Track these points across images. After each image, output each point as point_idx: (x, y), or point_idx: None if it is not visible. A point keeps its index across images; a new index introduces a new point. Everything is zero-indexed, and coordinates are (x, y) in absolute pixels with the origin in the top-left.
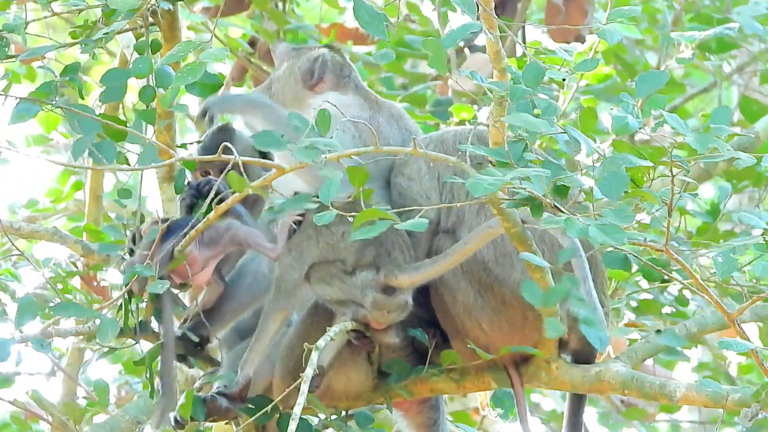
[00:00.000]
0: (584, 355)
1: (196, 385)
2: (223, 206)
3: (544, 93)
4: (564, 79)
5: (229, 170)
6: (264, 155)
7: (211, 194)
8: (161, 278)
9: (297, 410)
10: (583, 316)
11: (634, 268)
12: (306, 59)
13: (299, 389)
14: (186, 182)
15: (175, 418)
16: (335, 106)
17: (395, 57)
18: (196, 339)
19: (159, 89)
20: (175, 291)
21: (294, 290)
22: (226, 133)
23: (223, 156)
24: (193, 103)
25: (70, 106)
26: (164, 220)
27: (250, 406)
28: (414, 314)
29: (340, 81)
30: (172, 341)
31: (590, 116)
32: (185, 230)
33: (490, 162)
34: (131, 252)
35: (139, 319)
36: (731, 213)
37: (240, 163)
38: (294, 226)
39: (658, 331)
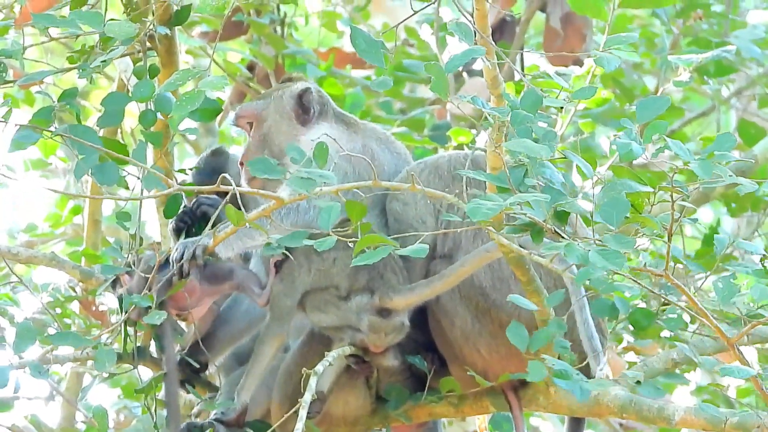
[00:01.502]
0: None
1: (194, 411)
2: (222, 236)
3: (542, 120)
4: (562, 107)
5: (226, 202)
6: None
7: (212, 218)
8: (160, 306)
9: None
10: (557, 370)
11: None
12: (290, 97)
13: (297, 414)
14: (183, 206)
15: None
16: (334, 140)
17: (393, 82)
18: (196, 364)
19: (158, 114)
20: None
21: (288, 316)
22: (220, 157)
23: (221, 186)
24: (191, 125)
25: (73, 128)
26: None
27: (248, 430)
28: (412, 339)
29: (323, 110)
30: (174, 369)
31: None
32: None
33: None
34: (116, 281)
35: (137, 345)
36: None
37: (237, 193)
38: (287, 256)
39: (638, 382)
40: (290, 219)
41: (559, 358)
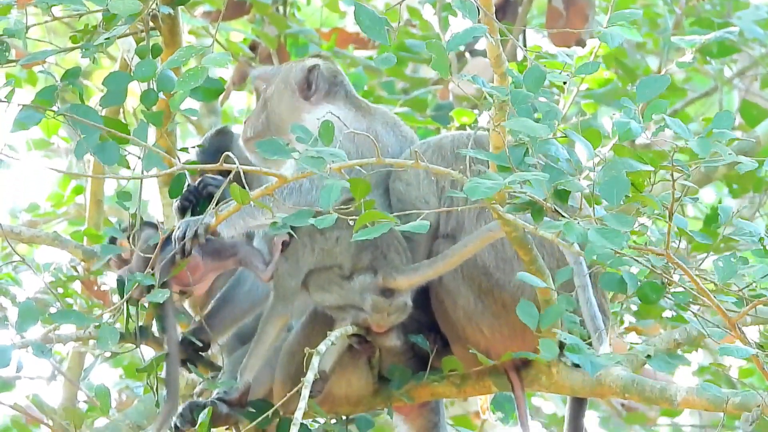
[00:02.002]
0: None
1: (197, 390)
2: (225, 214)
3: (544, 97)
4: (565, 83)
5: (230, 180)
6: None
7: (215, 197)
8: (163, 285)
9: (298, 415)
10: (569, 344)
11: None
12: (300, 70)
13: (300, 394)
14: (186, 185)
15: (176, 424)
16: (339, 118)
17: (396, 61)
18: (199, 343)
19: (160, 93)
20: (175, 298)
21: (292, 296)
22: (224, 136)
23: (224, 165)
24: (193, 106)
25: (74, 108)
26: (152, 225)
27: (250, 410)
28: (414, 319)
29: (332, 90)
30: (175, 347)
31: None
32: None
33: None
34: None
35: (140, 324)
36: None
37: (241, 171)
38: (292, 235)
39: (648, 356)
40: (293, 198)
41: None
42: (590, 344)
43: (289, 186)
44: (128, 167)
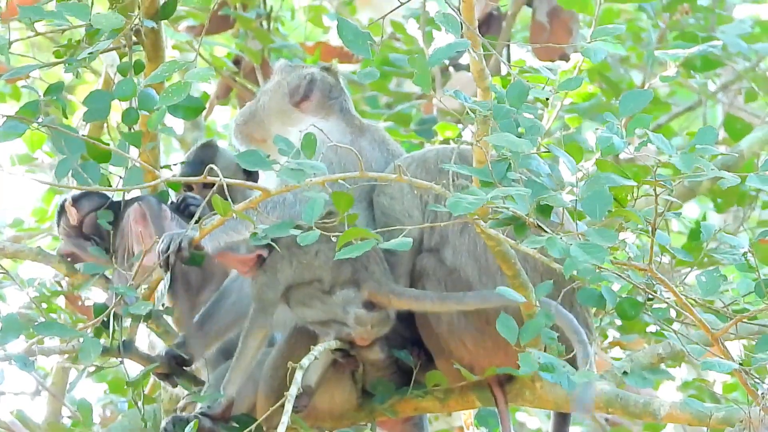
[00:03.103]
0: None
1: (180, 404)
2: (208, 228)
3: (528, 112)
4: (548, 99)
5: (213, 193)
6: (249, 174)
7: (197, 213)
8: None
9: (281, 429)
10: (543, 363)
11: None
12: (296, 75)
13: (283, 408)
14: (170, 202)
15: (164, 429)
16: (321, 130)
17: (380, 76)
18: (185, 355)
19: (142, 111)
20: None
21: (271, 308)
22: (209, 149)
23: (208, 177)
24: (176, 122)
25: (56, 126)
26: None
27: (234, 425)
28: (398, 333)
29: (325, 103)
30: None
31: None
32: None
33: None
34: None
35: (123, 339)
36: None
37: (225, 184)
38: (273, 247)
39: (625, 372)
40: (276, 212)
41: (545, 350)
42: (574, 357)
43: (272, 200)
44: (110, 185)
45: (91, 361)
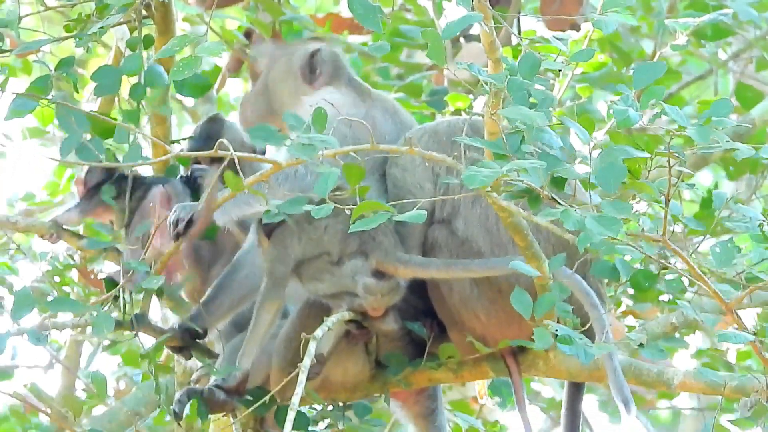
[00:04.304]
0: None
1: (194, 377)
2: (220, 201)
3: (540, 84)
4: (560, 70)
5: (224, 167)
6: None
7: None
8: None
9: (295, 400)
10: (561, 335)
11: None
12: (302, 55)
13: (297, 380)
14: (179, 176)
15: (174, 411)
16: (332, 104)
17: (390, 48)
18: (198, 328)
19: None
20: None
21: (283, 281)
22: (216, 123)
23: (219, 151)
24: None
25: (62, 102)
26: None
27: (248, 397)
28: (411, 305)
29: (335, 73)
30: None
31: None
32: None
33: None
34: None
35: (136, 312)
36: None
37: (236, 159)
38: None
39: (641, 344)
40: (287, 185)
41: (558, 322)
42: (590, 329)
43: (284, 172)
44: (116, 161)
45: (104, 336)
